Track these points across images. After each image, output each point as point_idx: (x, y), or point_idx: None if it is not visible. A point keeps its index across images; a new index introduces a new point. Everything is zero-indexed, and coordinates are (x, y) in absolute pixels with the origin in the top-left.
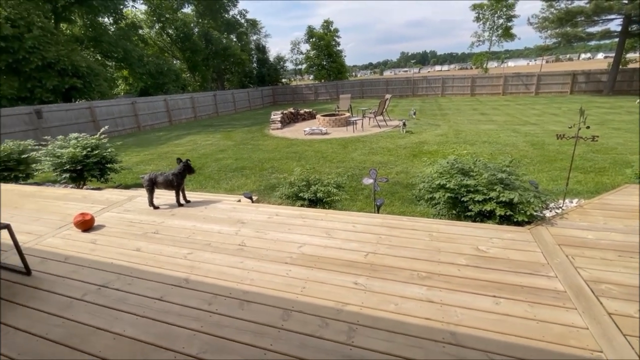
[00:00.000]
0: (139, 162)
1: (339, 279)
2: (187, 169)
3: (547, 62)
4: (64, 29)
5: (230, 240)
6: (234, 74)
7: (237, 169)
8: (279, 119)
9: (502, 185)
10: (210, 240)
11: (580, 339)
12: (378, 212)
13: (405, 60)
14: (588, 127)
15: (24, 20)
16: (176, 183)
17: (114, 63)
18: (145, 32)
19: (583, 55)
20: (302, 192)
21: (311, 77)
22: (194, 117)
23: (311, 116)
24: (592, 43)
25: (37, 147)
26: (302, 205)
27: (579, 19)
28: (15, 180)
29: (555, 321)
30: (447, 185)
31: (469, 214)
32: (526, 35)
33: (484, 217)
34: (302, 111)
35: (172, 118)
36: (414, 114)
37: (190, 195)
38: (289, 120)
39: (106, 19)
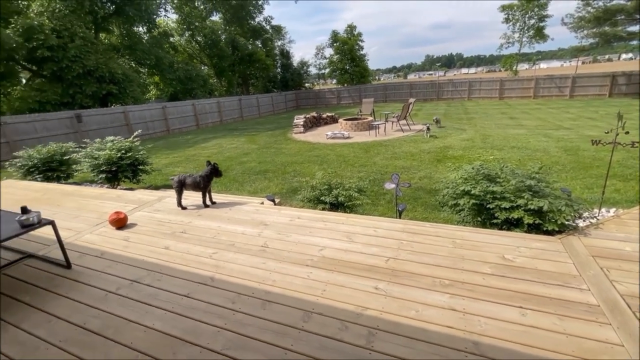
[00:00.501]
0: (168, 164)
1: (360, 283)
2: (214, 172)
3: (583, 63)
4: (102, 38)
5: (253, 241)
6: (259, 79)
7: (260, 172)
8: (302, 123)
9: (530, 193)
10: (234, 241)
11: (614, 356)
12: (400, 218)
13: (430, 63)
14: (627, 133)
15: (68, 31)
16: (203, 185)
17: (146, 70)
18: (176, 39)
19: (624, 56)
20: (324, 196)
21: (334, 81)
22: (220, 121)
23: (333, 120)
24: (635, 42)
25: (77, 149)
26: (323, 209)
27: (619, 18)
28: (58, 179)
29: (587, 336)
30: (472, 192)
31: (495, 221)
32: (560, 35)
33: (510, 225)
34: (324, 115)
35: (199, 122)
36: (437, 121)
37: (216, 197)
38: (312, 124)
39: (140, 28)
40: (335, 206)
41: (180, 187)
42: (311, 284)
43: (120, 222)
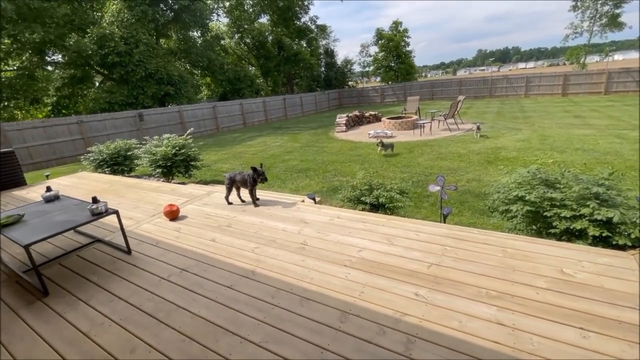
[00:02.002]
0: (216, 161)
1: (399, 287)
2: (259, 177)
3: None
4: (162, 43)
5: (293, 238)
6: (303, 78)
7: (301, 170)
8: (344, 122)
9: (597, 201)
10: (275, 237)
11: None
12: (444, 222)
13: (483, 58)
14: None
15: (134, 38)
16: (249, 183)
17: (199, 71)
18: (226, 42)
19: None
20: (364, 196)
21: (378, 79)
22: (265, 120)
23: (376, 119)
24: None
25: (138, 145)
26: (363, 209)
27: None
28: (122, 173)
29: None
30: (527, 198)
31: (552, 231)
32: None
33: (571, 235)
34: (367, 114)
35: (246, 121)
36: (478, 128)
37: (259, 194)
38: (354, 123)
39: (195, 33)
40: (376, 207)
41: (231, 184)
42: (349, 285)
43: (173, 214)
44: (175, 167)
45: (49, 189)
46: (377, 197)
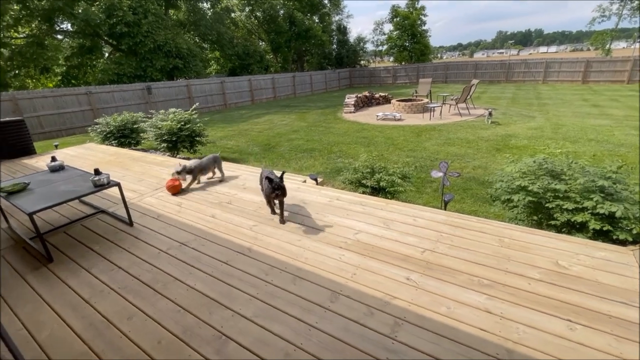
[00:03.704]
0: (222, 137)
1: (391, 271)
2: (273, 191)
3: None
4: (171, 14)
5: (291, 218)
6: (314, 55)
7: (306, 150)
8: (353, 102)
9: (602, 195)
10: (274, 216)
11: None
12: (445, 209)
13: (502, 40)
14: None
15: (142, 7)
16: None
17: (208, 45)
18: (237, 15)
19: None
20: (365, 179)
21: (391, 59)
22: (274, 97)
23: (386, 100)
24: None
25: (144, 118)
26: (363, 193)
27: None
28: (129, 145)
29: None
30: (530, 188)
31: (552, 222)
32: None
33: (572, 228)
34: (377, 95)
35: (254, 97)
36: (490, 114)
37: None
38: (363, 104)
39: (205, 4)
40: (377, 191)
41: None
42: (342, 266)
43: (175, 189)
44: (180, 142)
45: (54, 159)
46: (378, 180)
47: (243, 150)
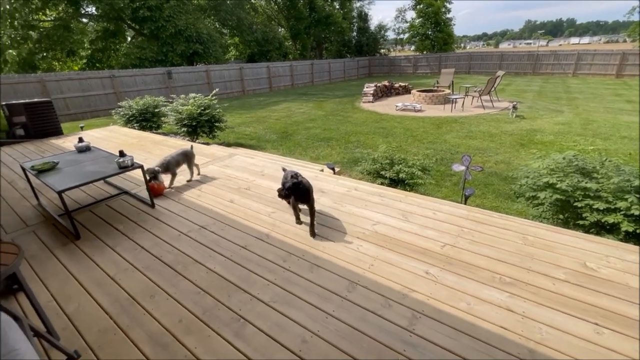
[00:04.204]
0: (240, 124)
1: (410, 264)
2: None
3: None
4: None
5: None
6: (333, 43)
7: (323, 139)
8: (372, 91)
9: (637, 196)
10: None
11: None
12: (465, 203)
13: (531, 30)
14: None
15: None
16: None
17: (228, 30)
18: (256, 0)
19: None
20: (384, 171)
21: (412, 47)
22: (291, 85)
23: (406, 91)
24: None
25: (165, 103)
26: (382, 184)
27: None
28: (150, 129)
29: None
30: (558, 185)
31: (581, 222)
32: None
33: (601, 229)
34: (396, 85)
35: (272, 84)
36: (514, 107)
37: (280, 160)
38: (382, 93)
39: None
40: (395, 182)
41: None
42: (360, 257)
43: (158, 191)
44: (199, 127)
45: (81, 140)
46: (397, 172)
47: (261, 137)
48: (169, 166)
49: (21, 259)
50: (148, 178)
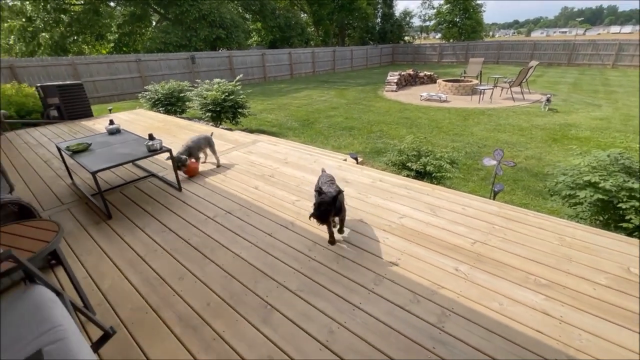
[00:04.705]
0: (262, 110)
1: (439, 260)
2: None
3: None
4: None
5: None
6: (356, 29)
7: (345, 128)
8: (395, 80)
9: None
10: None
11: None
12: (494, 199)
13: (567, 18)
14: None
15: None
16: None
17: (250, 15)
18: None
19: None
20: (410, 162)
21: (438, 35)
22: (313, 72)
23: (431, 80)
24: None
25: (190, 88)
26: (407, 176)
27: None
28: (174, 113)
29: None
30: (601, 185)
31: (624, 225)
32: None
33: None
34: (421, 74)
35: (293, 71)
36: (548, 100)
37: (302, 148)
38: (406, 82)
39: None
40: (421, 175)
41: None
42: (386, 250)
43: (194, 172)
44: (223, 112)
45: (111, 122)
46: (424, 164)
47: (282, 124)
48: (192, 151)
49: (61, 237)
50: (178, 166)
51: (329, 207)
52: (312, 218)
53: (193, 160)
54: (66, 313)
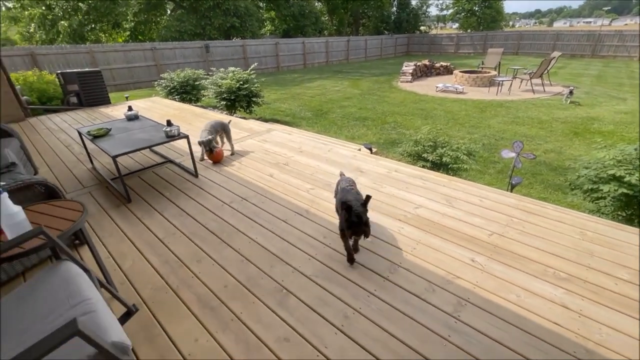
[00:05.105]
0: (275, 100)
1: (455, 250)
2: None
3: None
4: None
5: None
6: (371, 18)
7: (359, 119)
8: (411, 71)
9: None
10: (330, 182)
11: None
12: (511, 191)
13: (592, 7)
14: None
15: None
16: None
17: (264, 4)
18: None
19: None
20: (426, 153)
21: (455, 25)
22: (326, 62)
23: (447, 71)
24: None
25: (205, 76)
26: (423, 167)
27: None
28: (189, 101)
29: None
30: (626, 179)
31: None
32: None
33: None
34: (437, 64)
35: (306, 61)
36: (571, 93)
37: (316, 137)
38: (422, 73)
39: None
40: (437, 166)
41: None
42: (401, 239)
43: (218, 157)
44: (238, 101)
45: (130, 108)
46: (440, 155)
47: (296, 114)
48: (212, 133)
49: (86, 216)
50: (206, 149)
51: (361, 215)
52: (345, 232)
53: (217, 148)
54: (94, 287)
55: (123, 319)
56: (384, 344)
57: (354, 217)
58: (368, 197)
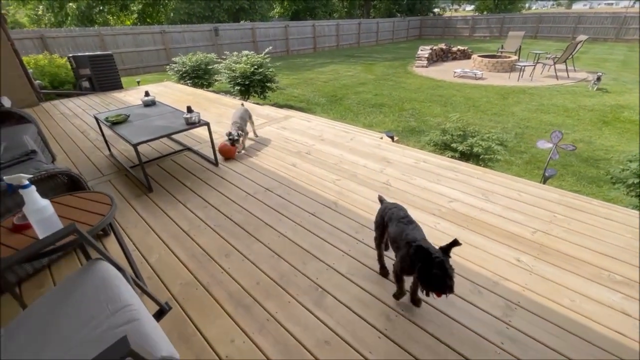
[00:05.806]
0: (288, 85)
1: (497, 249)
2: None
3: None
4: None
5: (376, 176)
6: (382, 0)
7: (375, 105)
8: (427, 55)
9: None
10: (356, 172)
11: None
12: (544, 184)
13: None
14: None
15: None
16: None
17: None
18: None
19: None
20: (455, 143)
21: (470, 7)
22: (336, 46)
23: (465, 56)
24: None
25: (218, 60)
26: (451, 157)
27: None
28: (201, 86)
29: None
30: None
31: None
32: None
33: None
34: (454, 49)
35: (316, 45)
36: (598, 79)
37: (334, 124)
38: (437, 57)
39: None
40: (466, 156)
41: (382, 229)
42: (439, 236)
43: (230, 153)
44: (252, 86)
45: (147, 93)
46: (471, 145)
47: (310, 100)
48: (242, 128)
49: (115, 210)
50: (231, 141)
51: (444, 265)
52: (400, 275)
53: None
54: (132, 291)
55: (156, 319)
56: (433, 351)
57: (436, 268)
58: (455, 242)
